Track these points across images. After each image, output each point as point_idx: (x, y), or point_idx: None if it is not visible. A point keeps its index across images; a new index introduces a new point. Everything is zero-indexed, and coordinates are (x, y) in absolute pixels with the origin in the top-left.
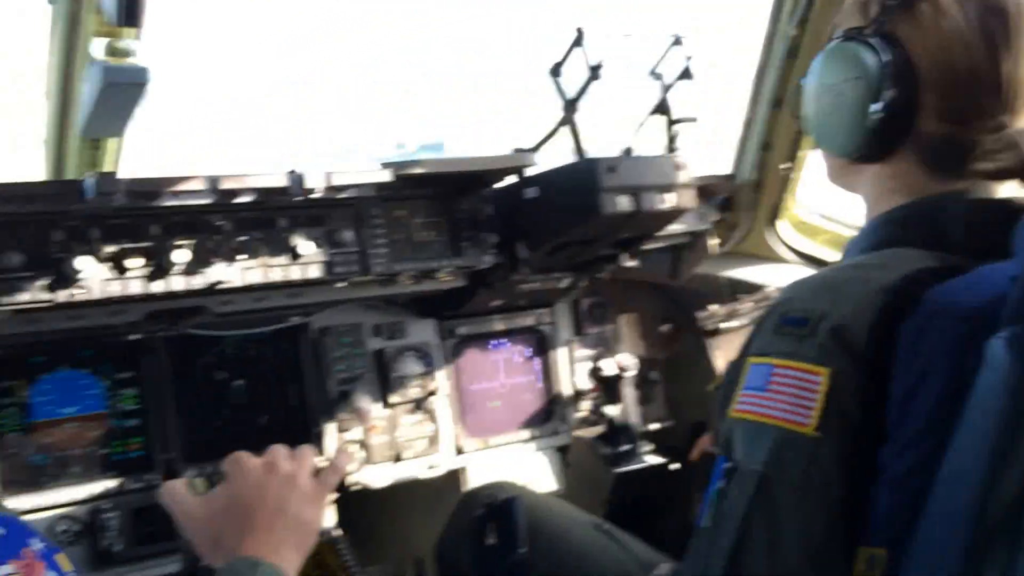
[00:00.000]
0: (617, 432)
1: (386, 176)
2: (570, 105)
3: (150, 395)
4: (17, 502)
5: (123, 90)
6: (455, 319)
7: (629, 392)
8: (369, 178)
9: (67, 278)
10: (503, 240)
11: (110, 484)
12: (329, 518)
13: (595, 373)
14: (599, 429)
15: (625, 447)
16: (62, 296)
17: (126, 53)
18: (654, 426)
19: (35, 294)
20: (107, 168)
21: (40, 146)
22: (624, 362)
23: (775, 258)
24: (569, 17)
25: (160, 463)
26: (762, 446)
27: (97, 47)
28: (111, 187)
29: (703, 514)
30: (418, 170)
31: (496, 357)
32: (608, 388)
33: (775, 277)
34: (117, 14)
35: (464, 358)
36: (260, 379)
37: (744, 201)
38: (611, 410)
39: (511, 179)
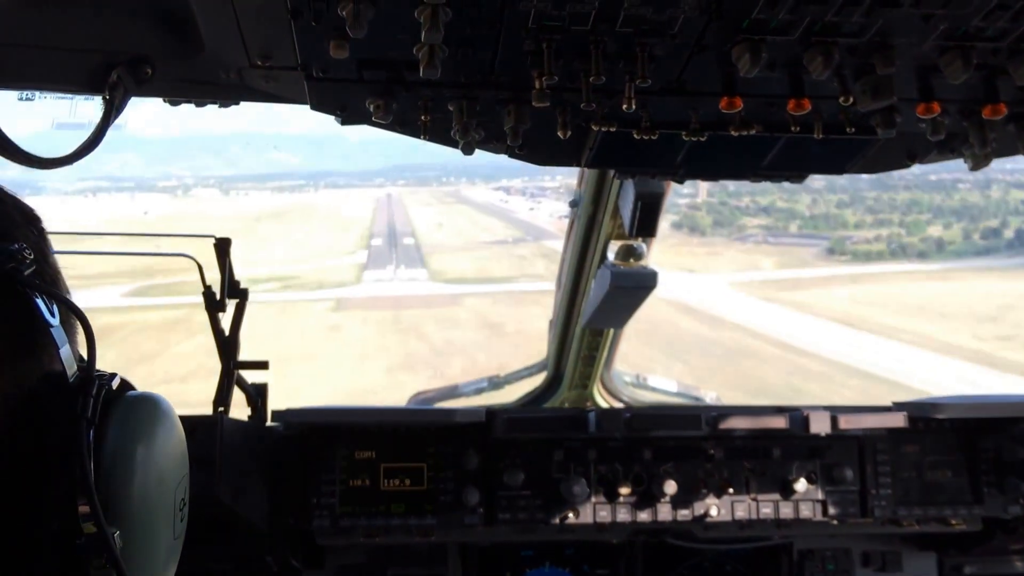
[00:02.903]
0: None
1: (899, 421)
2: None
3: None
4: None
5: (630, 292)
6: (961, 555)
7: None
8: (880, 423)
9: (562, 501)
10: None
11: None
12: None
13: None
14: None
15: None
16: (556, 518)
17: (638, 256)
18: None
19: (532, 513)
20: (604, 347)
21: (546, 327)
22: None
23: None
24: None
25: None
26: None
27: (611, 249)
28: (612, 424)
29: None
30: (940, 416)
31: None
32: None
33: None
34: (632, 226)
35: None
36: None
37: None
38: None
39: None
